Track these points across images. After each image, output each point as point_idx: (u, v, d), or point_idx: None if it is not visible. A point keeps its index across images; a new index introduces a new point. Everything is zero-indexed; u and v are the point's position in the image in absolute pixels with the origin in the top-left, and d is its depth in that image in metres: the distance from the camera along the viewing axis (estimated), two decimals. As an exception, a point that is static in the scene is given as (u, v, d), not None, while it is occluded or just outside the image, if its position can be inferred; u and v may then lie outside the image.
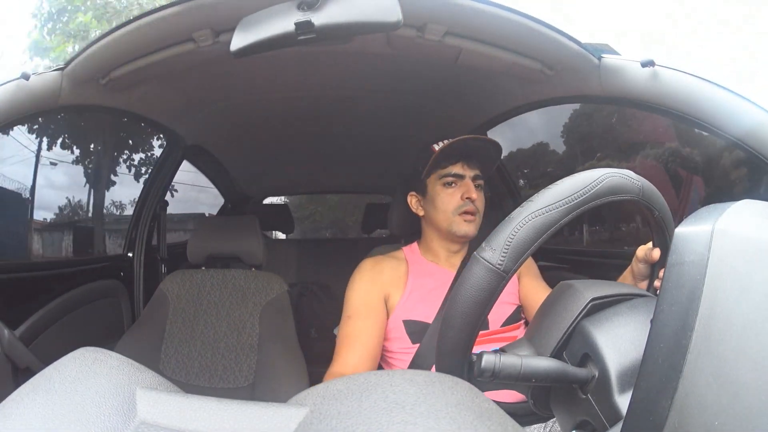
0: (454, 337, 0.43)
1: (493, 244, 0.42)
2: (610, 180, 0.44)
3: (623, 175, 0.46)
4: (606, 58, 0.92)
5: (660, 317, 0.32)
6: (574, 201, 0.43)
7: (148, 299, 1.37)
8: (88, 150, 1.65)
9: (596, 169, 0.46)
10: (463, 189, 0.98)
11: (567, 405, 0.44)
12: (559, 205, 0.42)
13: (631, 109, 0.96)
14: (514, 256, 0.42)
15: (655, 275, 0.61)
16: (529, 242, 0.42)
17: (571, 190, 0.43)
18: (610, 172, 0.45)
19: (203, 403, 0.32)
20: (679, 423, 0.29)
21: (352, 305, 0.98)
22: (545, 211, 0.42)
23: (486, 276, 0.42)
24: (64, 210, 1.63)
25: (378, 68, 1.16)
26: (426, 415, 0.28)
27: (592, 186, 0.43)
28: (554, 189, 0.44)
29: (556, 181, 0.45)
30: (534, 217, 0.42)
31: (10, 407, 0.31)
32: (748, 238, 0.33)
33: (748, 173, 1.04)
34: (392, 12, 0.66)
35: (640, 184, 0.47)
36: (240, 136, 1.70)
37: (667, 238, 0.53)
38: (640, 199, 0.47)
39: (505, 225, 0.43)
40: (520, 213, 0.43)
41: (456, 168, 0.98)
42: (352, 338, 0.94)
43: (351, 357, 0.92)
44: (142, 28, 0.85)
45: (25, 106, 0.91)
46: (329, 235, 5.46)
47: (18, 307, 1.08)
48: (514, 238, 0.42)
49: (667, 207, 0.51)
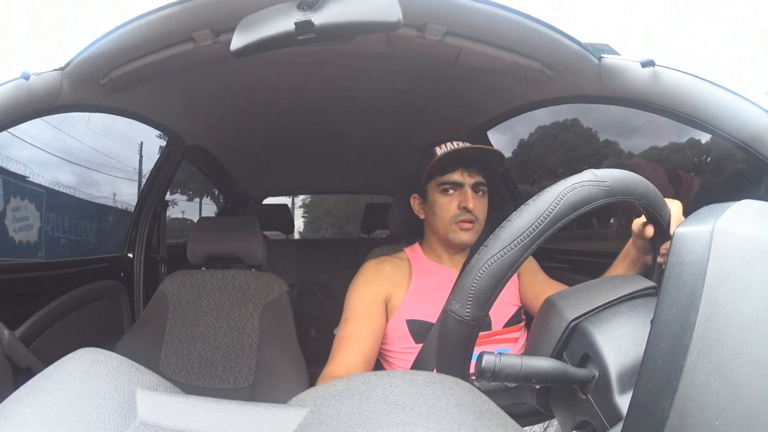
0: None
1: (458, 296, 0.42)
2: (569, 197, 0.42)
3: (584, 184, 0.43)
4: (606, 58, 0.92)
5: (660, 317, 0.32)
6: (533, 233, 0.41)
7: (148, 300, 1.37)
8: (88, 150, 1.65)
9: (555, 186, 0.43)
10: (461, 197, 0.97)
11: (567, 405, 0.44)
12: (516, 243, 0.41)
13: (631, 109, 0.96)
14: (478, 305, 0.41)
15: (656, 250, 0.59)
16: (491, 289, 0.41)
17: (526, 224, 0.41)
18: (567, 186, 0.42)
19: (203, 403, 0.32)
20: (679, 423, 0.29)
21: (351, 307, 0.99)
22: (502, 254, 0.41)
23: (457, 328, 0.42)
24: (64, 209, 1.63)
25: (378, 68, 1.16)
26: (426, 415, 0.28)
27: (549, 211, 0.41)
28: (508, 227, 0.42)
29: (512, 214, 0.42)
30: (492, 263, 0.41)
31: (10, 407, 0.31)
32: (748, 238, 0.33)
33: (748, 173, 1.04)
34: (392, 12, 0.66)
35: (607, 183, 0.44)
36: (240, 136, 1.70)
37: (658, 216, 0.51)
38: (614, 199, 0.44)
39: (467, 275, 0.42)
40: (477, 261, 0.42)
41: (455, 175, 0.98)
42: (347, 341, 0.94)
43: (345, 359, 0.92)
44: (142, 28, 0.85)
45: (24, 106, 0.91)
46: (329, 236, 5.47)
47: (18, 307, 1.08)
48: (475, 288, 0.41)
49: (648, 188, 0.48)
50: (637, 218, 0.62)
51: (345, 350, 0.93)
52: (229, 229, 1.38)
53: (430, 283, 1.00)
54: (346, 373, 0.89)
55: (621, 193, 0.45)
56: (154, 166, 1.63)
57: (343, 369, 0.90)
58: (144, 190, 1.64)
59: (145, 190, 1.63)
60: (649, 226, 0.59)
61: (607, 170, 0.45)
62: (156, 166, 1.62)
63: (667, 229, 0.54)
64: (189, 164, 1.78)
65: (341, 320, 0.99)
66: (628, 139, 1.53)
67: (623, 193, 0.45)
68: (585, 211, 0.43)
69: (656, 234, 0.57)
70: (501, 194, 1.59)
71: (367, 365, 0.94)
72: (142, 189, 1.65)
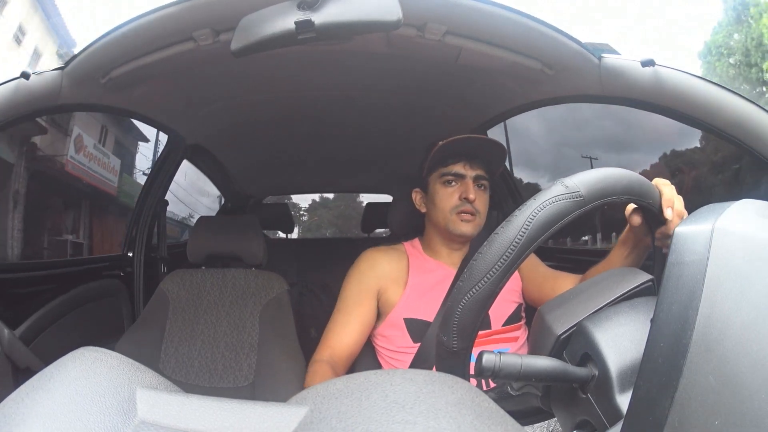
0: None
1: (444, 329, 0.44)
2: (540, 218, 0.41)
3: (554, 200, 0.42)
4: (606, 57, 0.92)
5: (660, 317, 0.32)
6: (506, 263, 0.41)
7: (148, 299, 1.37)
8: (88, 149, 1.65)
9: (524, 207, 0.42)
10: (462, 189, 0.98)
11: (567, 405, 0.44)
12: (490, 276, 0.41)
13: (631, 109, 0.96)
14: (464, 336, 0.43)
15: (653, 234, 0.59)
16: (473, 321, 0.42)
17: (497, 255, 0.41)
18: (536, 207, 0.41)
19: (203, 402, 0.32)
20: (679, 422, 0.29)
21: (344, 298, 1.02)
22: (478, 288, 0.41)
23: (449, 357, 0.44)
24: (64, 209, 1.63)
25: (378, 68, 1.16)
26: (426, 414, 0.28)
27: (518, 238, 0.41)
28: (480, 260, 0.42)
29: (484, 244, 0.42)
30: (469, 298, 0.42)
31: (10, 407, 0.31)
32: (748, 238, 0.33)
33: (748, 173, 1.04)
34: (392, 11, 0.66)
35: (580, 192, 0.42)
36: (240, 135, 1.70)
37: (647, 204, 0.50)
38: (591, 206, 0.43)
39: (450, 309, 0.43)
40: (456, 296, 0.43)
41: (457, 167, 0.98)
42: (333, 334, 0.99)
43: (328, 349, 0.97)
44: (142, 27, 0.85)
45: (25, 105, 0.91)
46: (329, 235, 5.46)
47: (18, 306, 1.09)
48: (457, 322, 0.43)
49: (629, 180, 0.47)
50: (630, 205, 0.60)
51: (330, 343, 0.98)
52: (230, 229, 1.38)
53: (428, 281, 1.00)
54: (329, 358, 0.96)
55: (597, 197, 0.43)
56: (154, 165, 1.63)
57: (326, 355, 0.96)
58: (144, 189, 1.64)
59: (146, 189, 1.62)
60: (635, 215, 0.58)
61: (578, 176, 0.44)
62: (156, 165, 1.62)
63: (660, 213, 0.53)
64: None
65: (334, 310, 1.03)
66: (628, 139, 1.53)
67: (600, 197, 0.43)
68: (561, 227, 0.42)
69: (649, 220, 0.57)
70: (501, 192, 1.59)
71: (351, 356, 0.99)
72: (143, 188, 1.65)
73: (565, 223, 0.42)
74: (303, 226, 4.45)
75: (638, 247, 0.69)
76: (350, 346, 0.98)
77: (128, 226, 1.61)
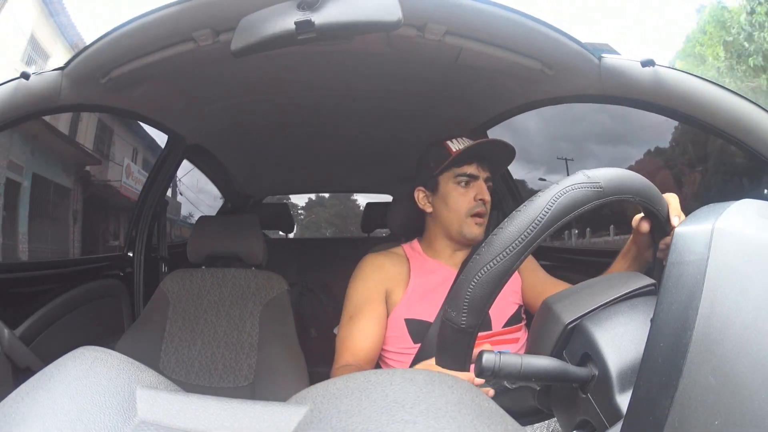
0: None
1: (454, 305, 0.43)
2: (562, 201, 0.42)
3: (576, 186, 0.43)
4: (606, 57, 0.92)
5: (660, 317, 0.32)
6: (525, 240, 0.41)
7: (148, 299, 1.37)
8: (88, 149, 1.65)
9: (547, 190, 0.43)
10: (477, 190, 0.98)
11: (567, 405, 0.44)
12: (509, 251, 0.41)
13: (630, 109, 0.96)
14: (474, 313, 0.42)
15: (656, 245, 0.60)
16: (486, 297, 0.42)
17: (518, 231, 0.41)
18: (559, 190, 0.42)
19: (203, 402, 0.32)
20: (679, 422, 0.29)
21: (354, 303, 0.99)
22: (496, 262, 0.41)
23: (455, 336, 0.43)
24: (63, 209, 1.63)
25: (378, 68, 1.16)
26: (426, 413, 0.28)
27: (541, 217, 0.41)
28: (500, 235, 0.42)
29: (505, 220, 0.43)
30: (485, 272, 0.41)
31: (10, 407, 0.31)
32: (748, 238, 0.33)
33: (748, 173, 1.04)
34: (392, 11, 0.66)
35: (600, 184, 0.44)
36: (240, 135, 1.70)
37: (655, 211, 0.52)
38: (607, 199, 0.44)
39: (461, 284, 0.43)
40: (471, 269, 0.42)
41: (471, 168, 0.98)
42: (352, 340, 0.95)
43: (351, 359, 0.93)
44: (142, 28, 0.85)
45: (24, 105, 0.91)
46: (329, 235, 5.46)
47: (18, 306, 1.09)
48: (470, 297, 0.42)
49: (642, 184, 0.48)
50: (637, 214, 0.61)
51: (351, 350, 0.94)
52: (230, 228, 1.38)
53: (429, 282, 1.00)
54: (355, 362, 0.91)
55: (614, 192, 0.45)
56: (154, 165, 1.63)
57: (350, 360, 0.92)
58: (144, 188, 1.64)
59: (146, 189, 1.63)
60: (644, 221, 0.59)
61: (599, 170, 0.45)
62: (156, 165, 1.62)
63: (666, 223, 0.54)
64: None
65: (343, 318, 0.99)
66: (628, 139, 1.53)
67: (617, 192, 0.45)
68: (579, 214, 0.42)
69: (655, 229, 0.57)
70: (501, 192, 1.59)
71: (372, 363, 0.96)
72: (143, 188, 1.65)
73: (583, 211, 0.43)
74: (302, 225, 4.45)
75: (639, 260, 0.70)
76: (372, 350, 0.95)
77: (128, 226, 1.61)
